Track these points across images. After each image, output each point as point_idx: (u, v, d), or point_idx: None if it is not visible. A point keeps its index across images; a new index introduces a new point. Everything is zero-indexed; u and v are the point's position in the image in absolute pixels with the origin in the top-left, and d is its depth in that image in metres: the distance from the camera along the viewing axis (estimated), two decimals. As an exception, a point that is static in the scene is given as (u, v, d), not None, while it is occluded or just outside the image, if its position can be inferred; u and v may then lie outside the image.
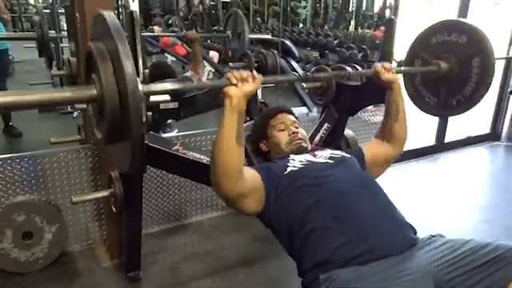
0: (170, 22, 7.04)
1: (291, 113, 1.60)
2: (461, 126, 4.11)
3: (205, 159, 1.69)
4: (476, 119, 4.40)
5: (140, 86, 0.90)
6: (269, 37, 5.15)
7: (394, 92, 1.45)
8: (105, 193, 1.71)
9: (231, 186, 1.14)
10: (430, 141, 3.75)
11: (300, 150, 1.46)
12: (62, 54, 4.77)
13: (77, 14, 1.79)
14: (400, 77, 1.52)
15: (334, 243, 1.15)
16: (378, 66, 1.44)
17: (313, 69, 2.36)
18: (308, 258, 1.18)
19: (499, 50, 3.87)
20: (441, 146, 3.76)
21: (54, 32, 4.37)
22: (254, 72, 1.15)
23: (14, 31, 6.27)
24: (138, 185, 1.73)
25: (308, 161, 1.36)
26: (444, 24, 1.61)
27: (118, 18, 2.76)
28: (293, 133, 1.49)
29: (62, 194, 2.03)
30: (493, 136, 4.13)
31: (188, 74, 2.89)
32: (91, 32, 1.04)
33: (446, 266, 1.10)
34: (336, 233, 1.17)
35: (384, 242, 1.16)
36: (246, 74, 1.12)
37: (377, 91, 1.88)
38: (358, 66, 2.20)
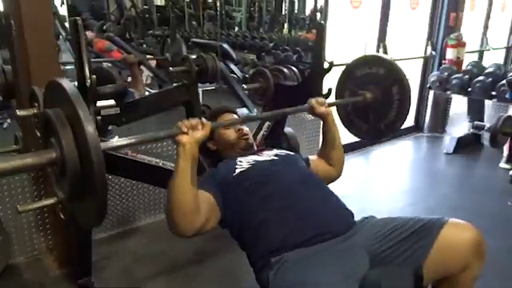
0: (104, 27, 6.85)
1: (236, 113, 1.71)
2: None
3: (153, 161, 1.74)
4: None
5: (101, 146, 0.94)
6: (211, 42, 5.23)
7: (328, 123, 1.57)
8: (51, 200, 1.69)
9: (189, 226, 1.19)
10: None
11: (247, 146, 1.58)
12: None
13: (12, 22, 1.76)
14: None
15: (282, 232, 1.27)
16: (313, 101, 1.56)
17: (251, 71, 2.48)
18: (260, 248, 1.28)
19: (417, 50, 4.30)
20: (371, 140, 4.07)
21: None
22: (203, 119, 1.22)
23: None
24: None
25: (255, 161, 1.47)
26: (365, 59, 1.80)
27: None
28: (239, 129, 1.60)
29: (4, 205, 1.97)
30: (416, 128, 4.54)
31: (131, 89, 2.90)
32: (46, 99, 1.11)
33: (378, 241, 1.27)
34: (283, 223, 1.29)
35: (326, 227, 1.30)
36: (195, 121, 1.19)
37: (312, 90, 2.08)
38: (293, 68, 2.37)
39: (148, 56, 5.03)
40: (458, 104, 4.28)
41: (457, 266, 1.28)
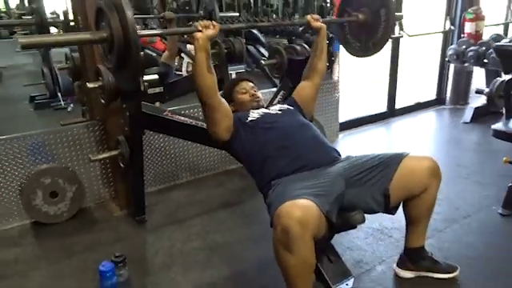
0: (146, 22, 7.44)
1: (251, 81, 2.14)
2: (410, 94, 4.74)
3: (188, 120, 2.22)
4: (423, 88, 5.05)
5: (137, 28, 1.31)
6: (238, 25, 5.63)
7: (320, 36, 1.98)
8: (115, 152, 2.24)
9: (209, 97, 1.65)
10: (383, 108, 4.36)
11: (258, 106, 2.01)
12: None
13: (79, 17, 2.29)
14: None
15: (281, 164, 1.70)
16: (308, 16, 1.95)
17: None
18: (265, 177, 1.71)
19: (436, 25, 4.48)
20: (392, 112, 4.37)
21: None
22: (214, 22, 1.63)
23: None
24: (139, 144, 2.26)
25: (264, 112, 1.91)
26: None
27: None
28: (252, 95, 2.04)
29: (78, 161, 2.54)
30: (438, 101, 4.76)
31: (163, 60, 3.36)
32: None
33: (351, 168, 1.68)
34: (283, 157, 1.71)
35: (314, 159, 1.72)
36: (208, 22, 1.61)
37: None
38: (305, 45, 2.76)
39: (188, 45, 5.55)
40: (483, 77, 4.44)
41: (418, 187, 1.68)
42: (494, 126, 2.32)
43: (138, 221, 2.44)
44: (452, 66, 4.51)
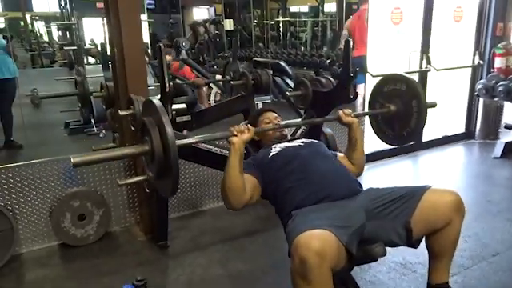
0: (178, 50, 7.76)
1: (274, 111, 2.20)
2: (437, 127, 4.68)
3: (213, 149, 2.28)
4: (451, 121, 4.97)
5: (176, 142, 1.42)
6: (269, 60, 5.81)
7: (353, 130, 1.94)
8: (141, 177, 2.30)
9: (239, 201, 1.67)
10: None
11: (281, 136, 2.05)
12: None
13: (115, 49, 2.44)
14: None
15: (302, 195, 1.71)
16: (340, 112, 1.94)
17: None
18: (286, 209, 1.72)
19: (463, 60, 4.47)
20: (419, 145, 4.31)
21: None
22: (249, 126, 1.69)
23: (34, 67, 7.02)
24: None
25: (285, 146, 1.94)
26: (391, 77, 2.11)
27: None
28: (276, 124, 2.09)
29: (106, 185, 2.64)
30: (467, 135, 4.68)
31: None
32: (143, 111, 1.63)
33: (373, 200, 1.67)
34: (303, 189, 1.72)
35: (335, 191, 1.72)
36: (243, 127, 1.66)
37: (342, 94, 2.50)
38: (330, 78, 2.81)
39: (217, 76, 5.74)
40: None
41: (440, 221, 1.64)
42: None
43: (160, 246, 2.48)
44: (481, 101, 4.45)
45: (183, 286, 2.10)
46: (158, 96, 2.28)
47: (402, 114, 2.04)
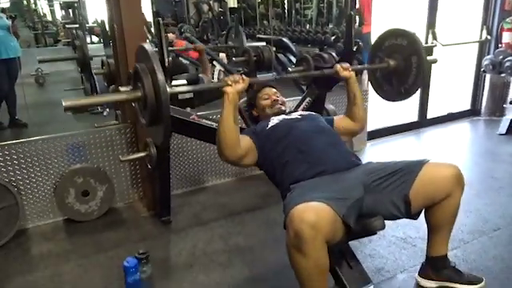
0: (182, 30, 7.67)
1: (274, 87, 2.18)
2: (443, 104, 4.64)
3: (214, 125, 2.27)
4: (457, 98, 4.91)
5: (168, 89, 1.44)
6: (272, 37, 5.72)
7: (350, 84, 1.95)
8: (143, 153, 2.33)
9: (232, 152, 1.68)
10: (413, 117, 4.28)
11: (279, 111, 2.04)
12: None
13: (115, 26, 2.42)
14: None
15: (301, 169, 1.71)
16: (337, 66, 1.95)
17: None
18: (285, 182, 1.73)
19: (471, 35, 4.39)
20: (424, 122, 4.28)
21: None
22: (243, 76, 1.68)
23: (37, 47, 7.00)
24: (167, 147, 2.33)
25: (284, 119, 1.93)
26: (392, 31, 2.09)
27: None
28: (274, 100, 2.07)
29: (109, 161, 2.66)
30: (473, 112, 4.63)
31: (201, 75, 3.55)
32: (136, 57, 1.62)
33: (371, 174, 1.67)
34: (302, 162, 1.72)
35: (333, 164, 1.72)
36: (238, 77, 1.66)
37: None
38: (333, 53, 2.77)
39: (221, 54, 5.68)
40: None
41: (439, 194, 1.64)
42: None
43: (163, 221, 2.51)
44: (488, 77, 4.38)
45: (185, 260, 2.13)
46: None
47: (401, 69, 2.03)
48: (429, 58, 2.02)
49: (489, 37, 4.31)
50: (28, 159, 2.44)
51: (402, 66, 2.02)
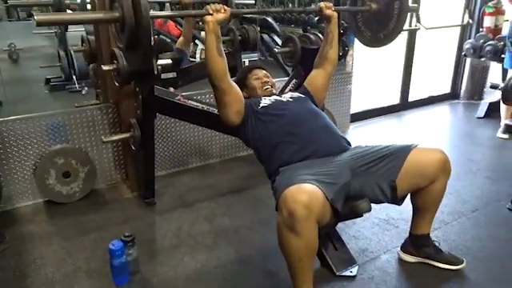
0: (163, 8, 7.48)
1: (264, 68, 2.15)
2: (424, 87, 4.70)
3: (199, 106, 2.25)
4: (437, 82, 4.99)
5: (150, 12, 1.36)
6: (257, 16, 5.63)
7: (332, 24, 1.97)
8: (126, 134, 2.28)
9: (221, 83, 1.67)
10: (395, 100, 4.33)
11: (269, 93, 2.02)
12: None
13: (96, 0, 2.32)
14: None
15: (290, 150, 1.72)
16: (321, 4, 1.95)
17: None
18: (274, 162, 1.73)
19: (454, 18, 4.42)
20: (405, 105, 4.34)
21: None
22: (225, 6, 1.65)
23: (10, 21, 6.68)
24: (151, 128, 2.29)
25: (275, 99, 1.92)
26: None
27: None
28: (264, 81, 2.05)
29: (90, 142, 2.60)
30: (453, 96, 4.71)
31: (178, 46, 3.42)
32: None
33: (358, 158, 1.69)
34: (292, 144, 1.73)
35: (323, 147, 1.73)
36: (219, 6, 1.63)
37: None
38: (319, 34, 2.75)
39: (202, 32, 5.57)
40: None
41: (426, 180, 1.68)
42: (506, 121, 2.30)
43: (147, 203, 2.49)
44: (468, 61, 4.45)
45: (170, 241, 2.13)
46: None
47: (382, 13, 2.03)
48: (410, 5, 2.02)
49: (470, 21, 4.35)
50: (6, 139, 2.35)
51: (384, 10, 2.02)
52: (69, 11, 4.29)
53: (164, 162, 2.93)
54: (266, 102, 1.89)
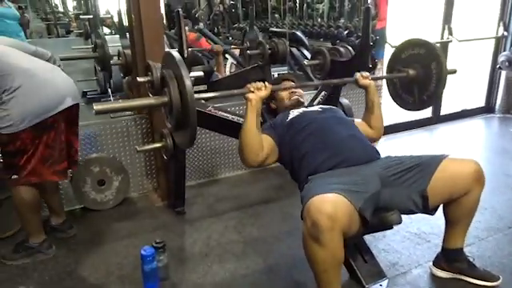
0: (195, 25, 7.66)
1: (292, 80, 2.18)
2: (457, 100, 4.60)
3: (230, 117, 2.29)
4: (471, 95, 4.87)
5: (194, 96, 1.44)
6: (285, 30, 5.70)
7: (370, 93, 1.95)
8: (159, 144, 2.35)
9: (255, 157, 1.69)
10: (427, 113, 4.25)
11: (298, 104, 2.05)
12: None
13: (133, 16, 2.43)
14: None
15: (319, 159, 1.72)
16: (357, 74, 1.95)
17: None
18: (303, 173, 1.74)
19: (487, 31, 4.33)
20: (437, 118, 4.25)
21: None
22: (266, 83, 1.70)
23: (49, 37, 7.01)
24: (183, 138, 2.35)
25: (304, 111, 1.94)
26: (408, 42, 2.07)
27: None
28: (292, 92, 2.08)
29: (124, 152, 2.69)
30: (487, 109, 4.58)
31: (216, 73, 3.61)
32: (162, 64, 1.63)
33: (388, 167, 1.67)
34: (321, 153, 1.73)
35: (352, 156, 1.72)
36: (260, 84, 1.67)
37: (362, 63, 2.47)
38: (349, 47, 2.76)
39: (232, 46, 5.67)
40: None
41: (458, 191, 1.64)
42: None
43: (177, 212, 2.54)
44: (503, 74, 4.34)
45: (200, 249, 2.15)
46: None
47: (420, 77, 2.02)
48: (449, 68, 1.99)
49: (505, 33, 4.25)
50: (46, 148, 2.46)
51: (422, 74, 2.00)
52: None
53: (194, 172, 2.98)
54: (294, 113, 1.91)
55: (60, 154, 2.02)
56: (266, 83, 1.70)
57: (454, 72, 2.04)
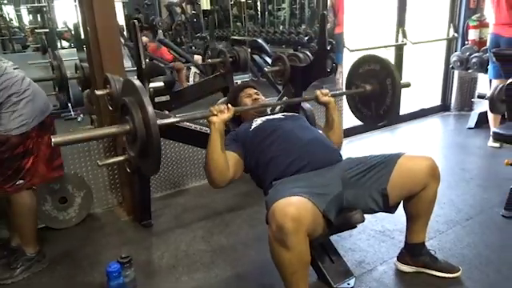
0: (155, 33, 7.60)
1: (255, 87, 2.21)
2: (415, 100, 4.77)
3: (192, 126, 2.28)
4: (428, 94, 5.07)
5: (157, 122, 1.43)
6: (246, 38, 5.76)
7: (330, 110, 1.96)
8: (121, 157, 2.29)
9: (223, 178, 1.69)
10: (387, 114, 4.39)
11: (261, 111, 2.07)
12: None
13: (88, 28, 2.39)
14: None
15: (284, 164, 1.74)
16: (317, 92, 1.97)
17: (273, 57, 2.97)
18: (268, 179, 1.75)
19: (439, 33, 4.53)
20: (397, 118, 4.39)
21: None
22: (229, 105, 1.70)
23: (5, 53, 6.76)
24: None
25: (266, 119, 1.97)
26: (364, 58, 2.13)
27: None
28: (255, 99, 2.10)
29: (86, 168, 2.62)
30: (443, 107, 4.78)
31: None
32: (123, 91, 1.62)
33: (349, 169, 1.72)
34: (285, 158, 1.75)
35: (316, 160, 1.75)
36: (223, 106, 1.67)
37: (320, 68, 2.53)
38: (307, 52, 2.82)
39: (195, 56, 5.67)
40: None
41: (416, 186, 1.71)
42: (494, 129, 2.35)
43: (144, 225, 2.49)
44: (456, 73, 4.54)
45: (168, 262, 2.13)
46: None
47: (377, 93, 2.06)
48: (402, 82, 2.05)
49: (456, 34, 4.46)
50: (2, 167, 2.37)
51: (379, 90, 2.05)
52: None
53: (160, 184, 2.95)
54: (257, 122, 1.92)
55: (55, 150, 2.12)
56: (229, 105, 1.70)
57: (407, 86, 2.12)
